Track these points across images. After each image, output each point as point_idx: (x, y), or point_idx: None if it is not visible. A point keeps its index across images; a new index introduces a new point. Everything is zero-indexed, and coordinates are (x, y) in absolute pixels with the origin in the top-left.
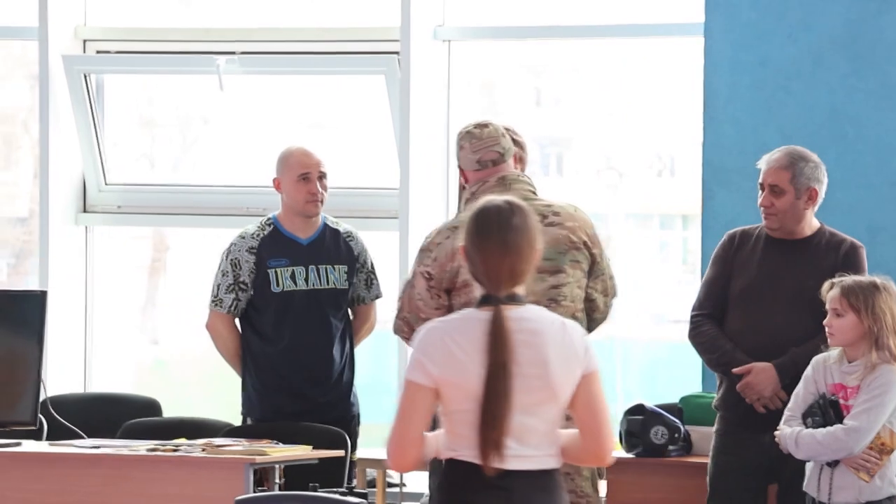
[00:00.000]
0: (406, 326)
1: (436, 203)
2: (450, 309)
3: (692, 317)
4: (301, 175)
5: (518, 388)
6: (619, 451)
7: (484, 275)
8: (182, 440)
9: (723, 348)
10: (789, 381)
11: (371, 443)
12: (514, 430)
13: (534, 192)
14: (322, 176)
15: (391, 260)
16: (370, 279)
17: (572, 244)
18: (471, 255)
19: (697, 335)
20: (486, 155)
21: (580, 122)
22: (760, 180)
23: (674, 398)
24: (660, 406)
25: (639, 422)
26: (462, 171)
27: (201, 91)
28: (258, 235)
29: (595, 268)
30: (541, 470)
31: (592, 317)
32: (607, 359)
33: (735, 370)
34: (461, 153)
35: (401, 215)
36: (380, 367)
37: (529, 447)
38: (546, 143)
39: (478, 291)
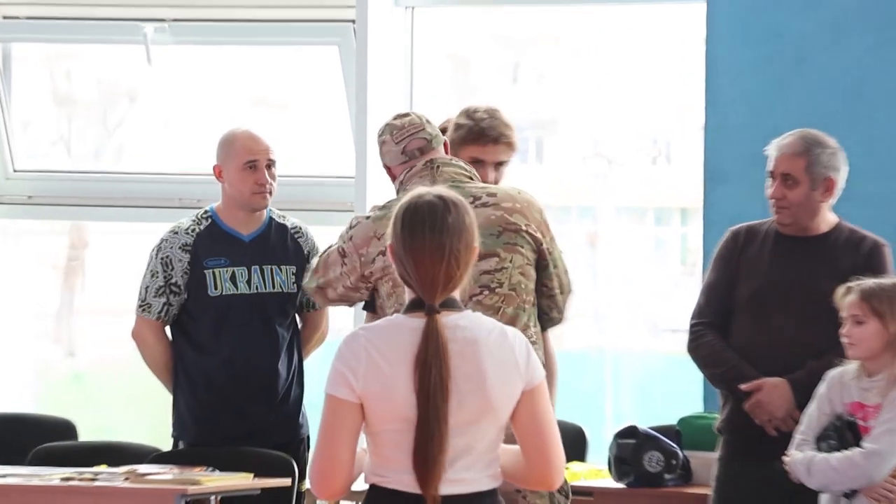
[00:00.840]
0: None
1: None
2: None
3: (692, 326)
4: (247, 163)
5: (452, 406)
6: (608, 480)
7: (417, 281)
8: (102, 468)
9: (728, 362)
10: (805, 399)
11: None
12: (449, 451)
13: (469, 177)
14: (271, 164)
15: None
16: None
17: (508, 225)
18: (400, 257)
19: (698, 347)
20: (411, 143)
21: (564, 101)
22: (770, 168)
23: (671, 419)
24: (655, 428)
25: (630, 446)
26: (388, 169)
27: (126, 64)
28: (193, 231)
29: (546, 259)
30: (477, 492)
31: (550, 316)
32: (595, 373)
33: (743, 387)
34: (384, 148)
35: (357, 208)
36: None
37: (466, 470)
38: (525, 125)
39: (407, 295)
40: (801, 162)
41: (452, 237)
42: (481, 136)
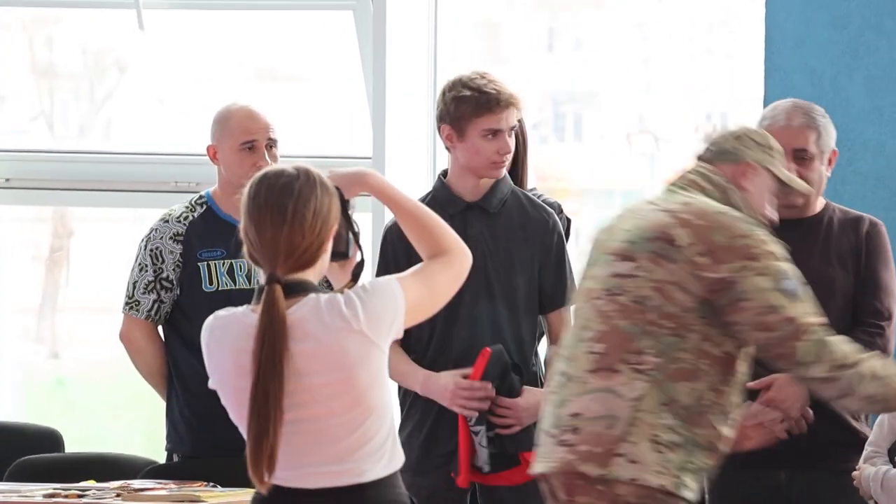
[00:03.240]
0: None
1: (418, 176)
2: None
3: None
4: (244, 143)
5: (305, 398)
6: None
7: (258, 250)
8: (90, 483)
9: None
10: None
11: None
12: (306, 444)
13: (701, 186)
14: (271, 144)
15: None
16: None
17: (666, 235)
18: (246, 229)
19: None
20: None
21: (606, 72)
22: None
23: None
24: None
25: None
26: None
27: (115, 30)
28: (186, 218)
29: (728, 290)
30: (343, 487)
31: (778, 366)
32: None
33: (751, 384)
34: None
35: None
36: None
37: (328, 463)
38: (562, 98)
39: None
40: (813, 134)
41: (298, 201)
42: (495, 103)
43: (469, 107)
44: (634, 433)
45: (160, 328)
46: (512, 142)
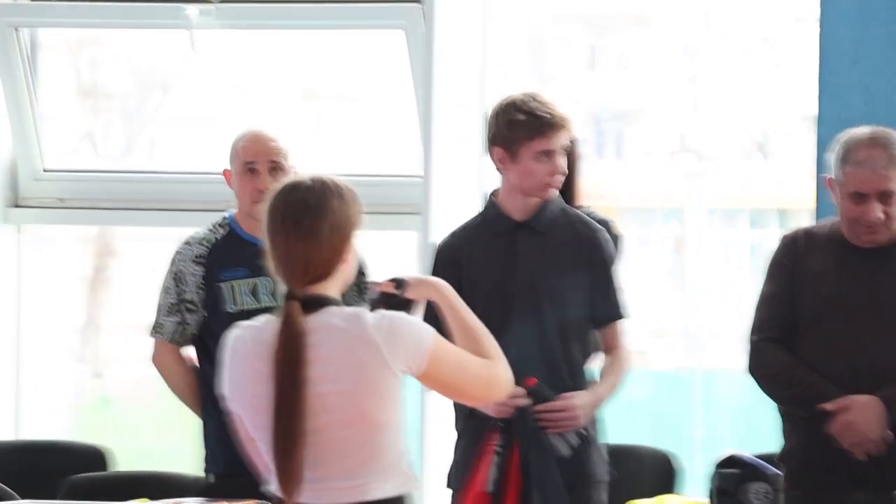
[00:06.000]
0: None
1: (468, 194)
2: None
3: (754, 343)
4: (245, 165)
5: (316, 407)
6: None
7: (277, 265)
8: (143, 501)
9: (806, 380)
10: None
11: None
12: (315, 457)
13: None
14: (275, 167)
15: (410, 267)
16: (364, 287)
17: None
18: (267, 245)
19: (765, 365)
20: None
21: (648, 89)
22: (859, 189)
23: (774, 447)
24: (759, 457)
25: (734, 477)
26: None
27: (167, 50)
28: (209, 240)
29: None
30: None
31: None
32: (685, 396)
33: (829, 406)
34: None
35: (423, 210)
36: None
37: (336, 478)
38: (604, 116)
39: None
40: (894, 171)
41: (314, 217)
42: (548, 126)
43: (522, 130)
44: None
45: (191, 350)
46: (564, 161)
